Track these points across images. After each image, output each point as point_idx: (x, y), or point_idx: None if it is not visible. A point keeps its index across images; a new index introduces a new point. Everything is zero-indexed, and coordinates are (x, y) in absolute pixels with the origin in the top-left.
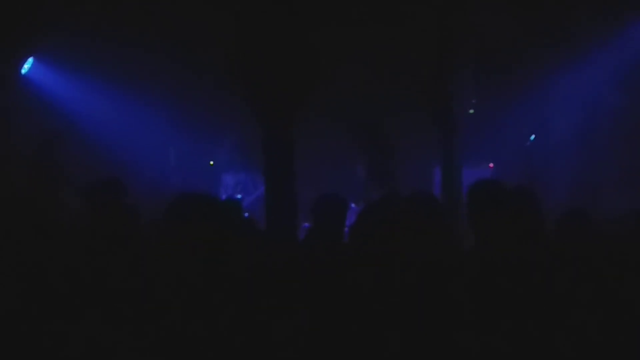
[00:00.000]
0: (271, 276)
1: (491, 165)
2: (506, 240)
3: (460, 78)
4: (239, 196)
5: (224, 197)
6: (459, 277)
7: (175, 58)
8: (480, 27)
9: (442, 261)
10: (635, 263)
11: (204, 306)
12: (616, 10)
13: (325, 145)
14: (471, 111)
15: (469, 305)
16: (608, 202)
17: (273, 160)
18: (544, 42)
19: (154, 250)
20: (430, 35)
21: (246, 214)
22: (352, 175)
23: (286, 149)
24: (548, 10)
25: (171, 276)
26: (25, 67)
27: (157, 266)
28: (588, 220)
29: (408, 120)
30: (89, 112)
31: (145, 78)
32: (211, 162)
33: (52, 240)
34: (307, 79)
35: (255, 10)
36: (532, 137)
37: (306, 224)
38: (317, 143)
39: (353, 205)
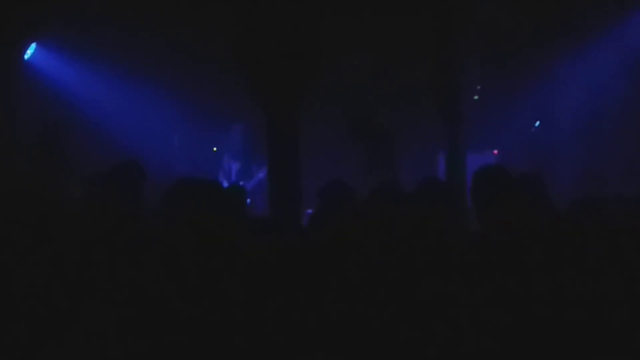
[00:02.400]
0: (275, 261)
1: (495, 151)
2: (511, 226)
3: (465, 64)
4: (241, 182)
5: (226, 183)
6: (465, 262)
7: (180, 45)
8: (486, 13)
9: (448, 246)
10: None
11: (205, 293)
12: None
13: (326, 134)
14: (476, 97)
15: (473, 288)
16: (613, 190)
17: (277, 146)
18: (550, 29)
19: (157, 237)
20: (434, 22)
21: (248, 200)
22: (351, 164)
23: (290, 136)
24: None
25: (172, 263)
26: (28, 52)
27: (159, 254)
28: (600, 209)
29: (412, 106)
30: (93, 98)
31: (150, 64)
32: (215, 149)
33: (57, 229)
34: (312, 67)
35: None
36: (537, 123)
37: (309, 210)
38: (317, 132)
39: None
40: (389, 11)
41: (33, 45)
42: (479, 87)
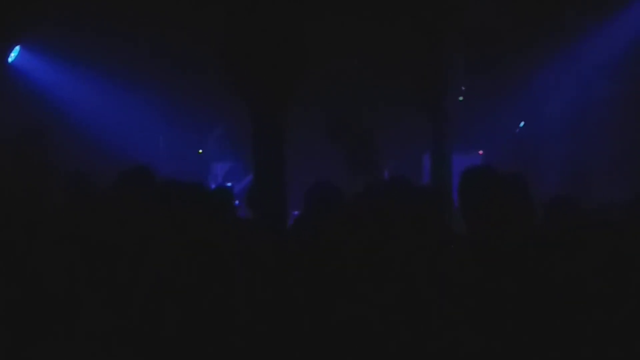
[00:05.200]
0: (261, 263)
1: (481, 152)
2: (498, 227)
3: (450, 65)
4: (229, 184)
5: (213, 185)
6: (451, 263)
7: (164, 47)
8: (471, 14)
9: (433, 247)
10: (622, 250)
11: (194, 294)
12: None
13: (309, 136)
14: (461, 98)
15: (460, 291)
16: (598, 190)
17: (262, 148)
18: (534, 30)
19: (145, 238)
20: (420, 23)
21: (237, 202)
22: (335, 165)
23: (276, 137)
24: None
25: (160, 265)
26: (12, 55)
27: (146, 255)
28: (576, 207)
29: (397, 107)
30: (77, 101)
31: (134, 67)
32: (200, 151)
33: (40, 232)
34: (298, 68)
35: (245, 1)
36: (522, 124)
37: (295, 212)
38: (301, 134)
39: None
40: (374, 12)
41: (17, 48)
42: (463, 88)
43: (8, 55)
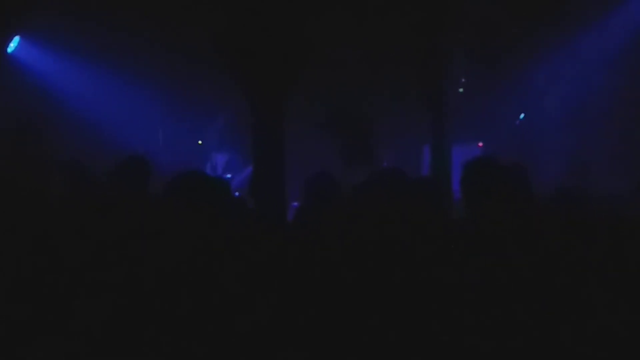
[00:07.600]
0: (263, 254)
1: (480, 144)
2: (500, 216)
3: (450, 57)
4: (228, 176)
5: (212, 176)
6: (451, 252)
7: (164, 38)
8: (471, 7)
9: (436, 237)
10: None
11: (195, 285)
12: None
13: (307, 127)
14: (461, 90)
15: (462, 279)
16: (598, 181)
17: (262, 139)
18: (535, 22)
19: (149, 227)
20: (420, 15)
21: (237, 194)
22: (332, 157)
23: (275, 128)
24: None
25: (164, 255)
26: (11, 46)
27: (151, 244)
28: (583, 197)
29: (397, 99)
30: (77, 92)
31: (134, 58)
32: (200, 142)
33: (39, 218)
34: (297, 59)
35: None
36: (522, 115)
37: (295, 203)
38: (299, 125)
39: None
40: (374, 4)
41: (17, 39)
42: (463, 80)
43: (7, 46)
